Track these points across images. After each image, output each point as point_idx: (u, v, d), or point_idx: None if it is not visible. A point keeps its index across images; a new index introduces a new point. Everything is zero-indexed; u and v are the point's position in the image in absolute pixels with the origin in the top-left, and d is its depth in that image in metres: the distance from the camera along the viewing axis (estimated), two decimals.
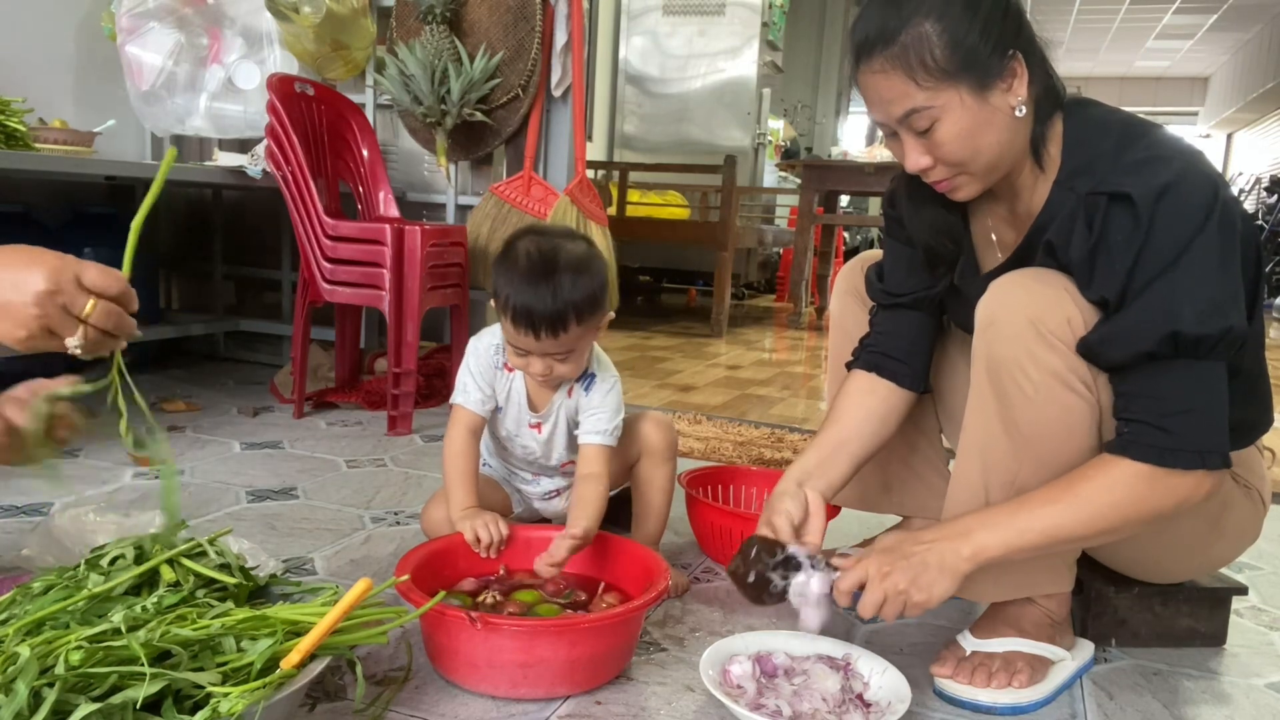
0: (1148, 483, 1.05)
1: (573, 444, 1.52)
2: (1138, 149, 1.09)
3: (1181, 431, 1.04)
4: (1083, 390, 1.11)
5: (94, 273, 0.96)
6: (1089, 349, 1.08)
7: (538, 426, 1.50)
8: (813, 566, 1.16)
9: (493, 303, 1.37)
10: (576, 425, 1.48)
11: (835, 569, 1.14)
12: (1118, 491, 1.06)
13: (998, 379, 1.14)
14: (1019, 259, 1.21)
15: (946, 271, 1.32)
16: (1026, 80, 1.10)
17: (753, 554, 1.18)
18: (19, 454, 1.11)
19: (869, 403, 1.36)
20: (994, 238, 1.28)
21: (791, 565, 1.17)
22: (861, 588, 1.10)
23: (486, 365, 1.46)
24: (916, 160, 1.13)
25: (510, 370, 1.46)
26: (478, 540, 1.34)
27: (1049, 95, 1.14)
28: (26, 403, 1.09)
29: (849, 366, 1.41)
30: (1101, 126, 1.14)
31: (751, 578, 1.17)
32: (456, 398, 1.46)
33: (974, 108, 1.08)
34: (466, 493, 1.42)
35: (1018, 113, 1.11)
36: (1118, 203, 1.06)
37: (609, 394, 1.46)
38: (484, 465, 1.60)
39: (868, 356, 1.38)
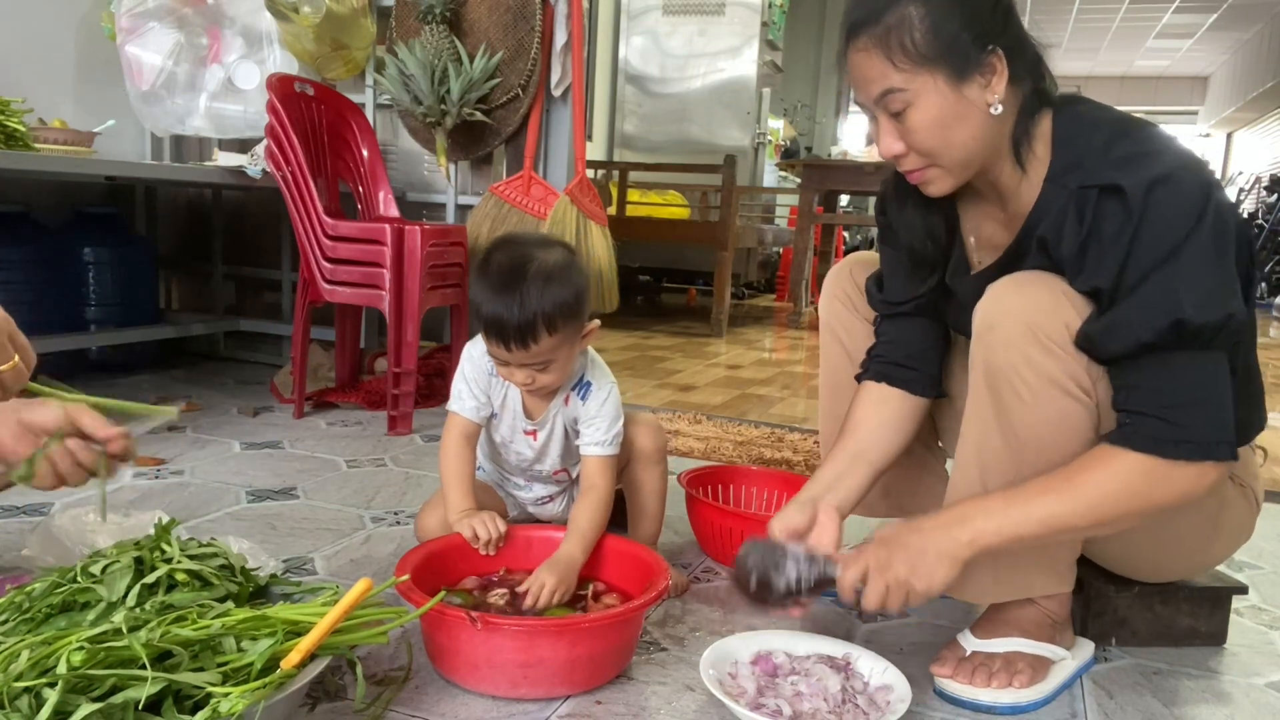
0: (1148, 475, 1.04)
1: (567, 452, 1.51)
2: (1128, 144, 1.09)
3: (1186, 423, 1.03)
4: (1081, 395, 1.10)
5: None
6: (1088, 341, 1.08)
7: (533, 434, 1.49)
8: (811, 562, 1.14)
9: None
10: (575, 434, 1.47)
11: (835, 563, 1.13)
12: (1117, 483, 1.05)
13: (995, 384, 1.13)
14: (1011, 258, 1.20)
15: (932, 273, 1.32)
16: (1006, 78, 1.10)
17: (750, 559, 1.15)
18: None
19: (882, 412, 1.35)
20: (979, 239, 1.27)
21: (790, 562, 1.14)
22: (863, 582, 1.10)
23: (481, 372, 1.45)
24: (890, 145, 1.13)
25: None
26: (476, 537, 1.34)
27: (1038, 95, 1.14)
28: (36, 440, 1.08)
29: (859, 379, 1.40)
30: (1091, 124, 1.14)
31: (753, 584, 1.14)
32: (452, 405, 1.46)
33: (948, 96, 1.08)
34: (463, 495, 1.41)
35: (993, 110, 1.10)
36: (1109, 195, 1.05)
37: (605, 402, 1.44)
38: (478, 469, 1.59)
39: (877, 367, 1.38)
